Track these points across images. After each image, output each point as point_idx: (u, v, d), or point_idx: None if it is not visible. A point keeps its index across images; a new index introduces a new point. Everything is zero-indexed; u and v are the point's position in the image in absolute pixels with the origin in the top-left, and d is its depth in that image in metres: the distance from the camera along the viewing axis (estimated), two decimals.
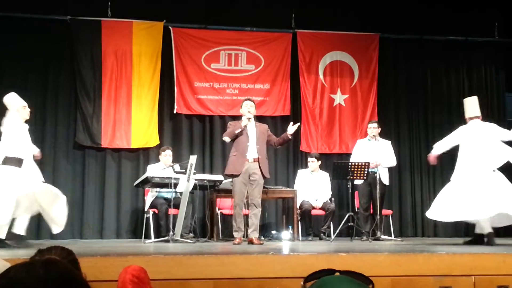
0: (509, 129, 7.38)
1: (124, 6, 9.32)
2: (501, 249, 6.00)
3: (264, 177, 7.26)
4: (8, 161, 6.43)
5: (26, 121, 6.81)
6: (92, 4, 9.28)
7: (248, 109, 7.32)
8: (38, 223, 8.37)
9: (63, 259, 2.11)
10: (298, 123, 7.62)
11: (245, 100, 7.56)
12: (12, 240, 6.43)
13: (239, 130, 7.17)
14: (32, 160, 6.71)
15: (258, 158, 7.18)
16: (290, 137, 7.36)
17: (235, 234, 7.18)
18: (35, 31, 9.06)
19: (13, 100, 6.73)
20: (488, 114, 9.45)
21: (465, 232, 8.87)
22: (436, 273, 4.86)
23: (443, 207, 7.20)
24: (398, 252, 5.77)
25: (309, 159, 9.14)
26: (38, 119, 8.78)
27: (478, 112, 7.40)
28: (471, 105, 7.48)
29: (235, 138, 7.23)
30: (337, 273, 1.46)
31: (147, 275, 3.22)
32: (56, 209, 6.64)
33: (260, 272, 4.69)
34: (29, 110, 6.78)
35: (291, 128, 7.29)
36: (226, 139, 7.35)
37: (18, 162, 6.46)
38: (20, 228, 6.58)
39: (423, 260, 5.06)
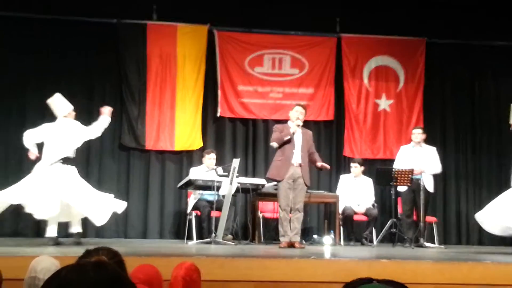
0: None
1: (169, 10, 9.43)
2: None
3: (305, 184, 7.25)
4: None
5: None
6: (138, 7, 9.41)
7: (297, 116, 7.33)
8: (84, 222, 8.54)
9: (110, 259, 2.16)
10: (328, 167, 7.83)
11: (297, 105, 7.56)
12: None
13: (288, 137, 7.18)
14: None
15: (301, 164, 7.19)
16: (317, 166, 7.52)
17: (281, 238, 7.18)
18: (82, 34, 9.22)
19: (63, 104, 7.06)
20: None
21: (511, 241, 8.66)
22: (481, 282, 4.78)
23: (493, 217, 7.03)
24: (442, 260, 5.71)
25: (352, 164, 9.08)
26: (85, 120, 8.95)
27: None
28: None
29: (282, 144, 7.24)
30: (375, 282, 1.45)
31: (199, 277, 3.26)
32: (92, 207, 6.80)
33: (300, 276, 4.70)
34: (74, 113, 7.12)
35: (323, 166, 7.51)
36: (274, 144, 7.35)
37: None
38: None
39: (467, 269, 4.99)
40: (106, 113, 7.27)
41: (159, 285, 2.98)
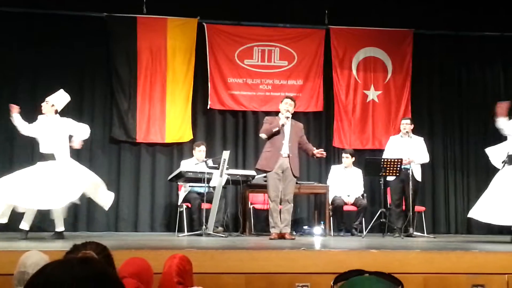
0: None
1: (159, 3, 9.43)
2: None
3: (293, 175, 7.30)
4: None
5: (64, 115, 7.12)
6: (127, 0, 9.40)
7: (287, 108, 7.36)
8: (75, 216, 8.58)
9: (98, 254, 2.19)
10: (325, 155, 7.76)
11: (286, 97, 7.60)
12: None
13: (277, 129, 7.22)
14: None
15: (289, 155, 7.23)
16: (314, 153, 7.53)
17: (272, 230, 7.23)
18: (72, 28, 9.22)
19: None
20: None
21: (499, 230, 8.75)
22: (469, 271, 4.84)
23: (487, 208, 7.08)
24: (431, 250, 5.77)
25: (344, 155, 9.14)
26: (75, 114, 8.95)
27: None
28: None
29: (271, 135, 7.28)
30: (366, 274, 1.50)
31: (191, 268, 3.31)
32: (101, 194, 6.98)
33: (291, 267, 4.74)
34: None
35: (318, 154, 7.49)
36: (263, 135, 7.40)
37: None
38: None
39: (456, 258, 5.05)
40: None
41: (148, 277, 3.01)
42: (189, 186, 8.54)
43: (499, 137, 7.51)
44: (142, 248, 5.33)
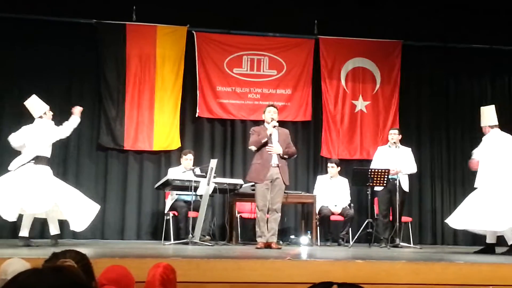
0: None
1: (149, 10, 9.43)
2: None
3: (284, 183, 7.28)
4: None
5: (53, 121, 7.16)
6: (117, 8, 9.39)
7: (271, 116, 7.34)
8: (60, 223, 8.49)
9: (77, 263, 2.17)
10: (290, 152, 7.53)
11: (268, 106, 7.59)
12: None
13: (266, 139, 7.20)
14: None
15: (278, 164, 7.22)
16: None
17: (258, 239, 7.18)
18: (61, 34, 9.20)
19: (38, 104, 7.06)
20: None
21: (484, 241, 8.79)
22: (454, 282, 4.85)
23: (463, 215, 7.21)
24: (416, 260, 5.78)
25: (329, 164, 9.16)
26: (63, 120, 8.91)
27: (496, 121, 7.44)
28: (491, 113, 7.48)
29: (260, 146, 7.25)
30: (335, 286, 1.49)
31: (175, 277, 3.29)
32: (76, 211, 6.87)
33: (276, 277, 4.73)
34: (51, 113, 7.13)
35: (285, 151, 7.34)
36: (253, 148, 7.35)
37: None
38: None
39: (441, 269, 5.06)
40: (76, 113, 7.32)
41: (128, 284, 2.99)
42: (176, 194, 8.52)
43: None
44: (127, 256, 5.30)
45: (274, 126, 7.29)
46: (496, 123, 7.44)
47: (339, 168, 9.09)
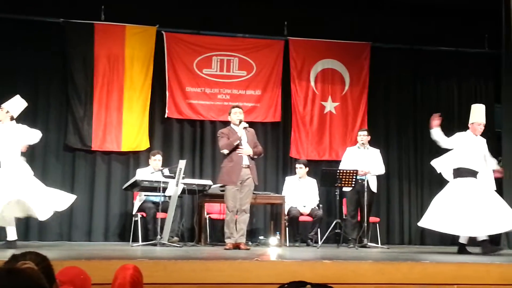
0: (498, 141, 7.48)
1: (117, 10, 9.34)
2: (484, 259, 6.06)
3: (254, 182, 7.28)
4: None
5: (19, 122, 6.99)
6: (85, 7, 9.28)
7: (238, 118, 7.33)
8: (26, 224, 8.38)
9: (37, 264, 2.13)
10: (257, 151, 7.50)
11: (234, 107, 7.56)
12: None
13: (238, 141, 7.18)
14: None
15: (249, 165, 7.22)
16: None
17: (227, 240, 7.16)
18: (27, 33, 9.07)
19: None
20: None
21: (451, 240, 8.91)
22: (420, 282, 4.90)
23: (438, 217, 7.17)
24: (383, 260, 5.83)
25: (297, 165, 9.20)
26: (29, 120, 8.77)
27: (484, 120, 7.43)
28: (480, 112, 7.47)
29: (232, 149, 7.22)
30: (309, 286, 1.50)
31: (142, 278, 3.27)
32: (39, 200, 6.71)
33: (244, 278, 4.72)
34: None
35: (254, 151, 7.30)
36: (225, 151, 7.28)
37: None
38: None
39: (407, 269, 5.10)
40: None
41: (84, 285, 2.95)
42: (145, 195, 8.46)
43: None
44: (93, 258, 5.25)
45: (245, 128, 7.28)
46: (483, 122, 7.45)
47: (307, 168, 9.14)
